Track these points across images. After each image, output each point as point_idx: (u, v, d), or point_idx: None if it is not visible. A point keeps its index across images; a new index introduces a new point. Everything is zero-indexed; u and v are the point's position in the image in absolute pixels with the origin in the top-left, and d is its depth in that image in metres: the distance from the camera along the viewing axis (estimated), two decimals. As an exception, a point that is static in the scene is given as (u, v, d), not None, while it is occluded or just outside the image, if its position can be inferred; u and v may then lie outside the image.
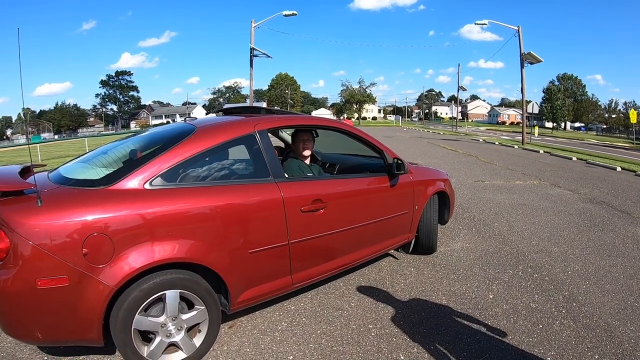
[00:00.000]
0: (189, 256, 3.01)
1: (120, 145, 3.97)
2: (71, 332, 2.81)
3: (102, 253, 2.72)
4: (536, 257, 5.44)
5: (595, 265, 5.14)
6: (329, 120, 4.85)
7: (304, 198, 3.72)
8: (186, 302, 3.11)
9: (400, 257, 5.43)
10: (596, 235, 6.43)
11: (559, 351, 3.32)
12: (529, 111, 30.85)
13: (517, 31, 27.68)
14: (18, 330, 2.78)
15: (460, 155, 19.71)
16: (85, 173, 3.39)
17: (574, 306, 4.08)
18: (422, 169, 5.53)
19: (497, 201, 8.92)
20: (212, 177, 3.45)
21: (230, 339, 3.55)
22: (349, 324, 3.79)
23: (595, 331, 3.62)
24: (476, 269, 5.02)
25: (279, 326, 3.75)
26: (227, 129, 3.66)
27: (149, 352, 2.97)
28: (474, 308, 4.05)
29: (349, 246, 4.28)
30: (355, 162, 5.46)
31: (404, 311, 4.01)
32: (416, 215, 5.05)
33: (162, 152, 3.21)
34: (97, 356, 3.27)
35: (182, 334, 3.09)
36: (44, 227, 2.62)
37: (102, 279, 2.71)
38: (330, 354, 3.32)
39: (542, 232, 6.59)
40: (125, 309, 2.80)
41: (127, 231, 2.81)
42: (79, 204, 2.78)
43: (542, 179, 12.08)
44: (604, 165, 15.32)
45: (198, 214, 3.12)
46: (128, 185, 2.95)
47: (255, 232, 3.44)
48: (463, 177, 12.34)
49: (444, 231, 6.54)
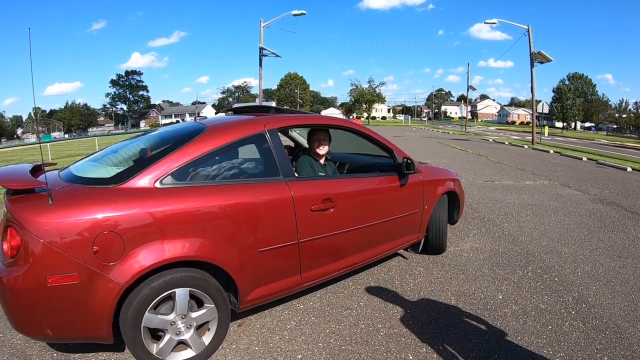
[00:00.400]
0: (198, 254, 3.02)
1: (131, 144, 3.99)
2: (81, 330, 2.83)
3: (112, 251, 2.74)
4: (546, 257, 5.41)
5: (605, 266, 5.11)
6: (338, 119, 4.85)
7: (314, 197, 3.72)
8: (196, 300, 3.12)
9: (410, 257, 5.43)
10: (606, 236, 6.38)
11: (568, 352, 3.30)
12: (539, 111, 30.71)
13: (527, 30, 27.50)
14: (28, 327, 2.80)
15: (470, 155, 19.63)
16: (96, 171, 3.41)
17: (583, 307, 4.05)
18: (432, 168, 5.52)
19: (507, 201, 8.88)
20: (222, 176, 3.47)
21: (239, 337, 3.56)
22: (357, 323, 3.79)
23: (605, 333, 3.60)
24: (485, 270, 5.00)
25: (288, 325, 3.76)
26: (238, 128, 3.67)
27: (158, 350, 2.99)
28: (483, 308, 4.03)
29: (358, 246, 4.28)
30: (365, 161, 5.45)
31: (413, 311, 4.00)
32: (426, 215, 5.03)
33: (172, 151, 3.22)
34: (106, 353, 3.29)
35: (192, 332, 3.11)
36: (55, 225, 2.64)
37: (113, 277, 2.73)
38: (339, 353, 3.32)
39: (552, 232, 6.55)
40: (135, 307, 2.82)
41: (137, 229, 2.82)
42: (90, 202, 2.80)
43: (552, 179, 12.01)
44: (615, 165, 15.19)
45: (208, 212, 3.13)
46: (138, 184, 2.97)
47: (264, 231, 3.44)
48: (473, 177, 12.30)
49: (453, 231, 6.52)
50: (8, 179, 3.05)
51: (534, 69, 27.33)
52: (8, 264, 2.69)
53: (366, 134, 4.58)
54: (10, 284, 2.66)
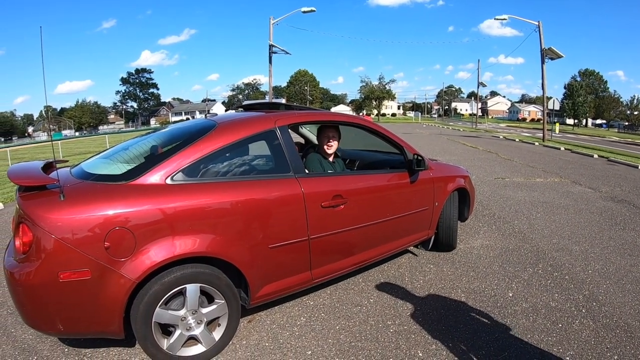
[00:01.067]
0: (209, 250, 3.03)
1: (141, 142, 4.01)
2: (92, 325, 2.85)
3: (123, 247, 2.76)
4: (556, 255, 5.38)
5: (616, 264, 5.07)
6: (349, 116, 4.84)
7: (325, 194, 3.73)
8: (206, 296, 3.14)
9: (420, 254, 5.42)
10: (617, 234, 6.34)
11: (578, 351, 3.29)
12: (550, 107, 30.39)
13: (538, 26, 27.22)
14: (40, 322, 2.83)
15: (480, 152, 19.55)
16: (107, 168, 3.43)
17: (593, 306, 4.03)
18: (442, 165, 5.50)
19: (518, 199, 8.84)
20: (233, 172, 3.48)
21: (249, 333, 3.57)
22: (367, 320, 3.79)
23: (615, 331, 3.57)
24: (496, 267, 4.98)
25: (298, 321, 3.77)
26: (248, 124, 3.68)
27: (168, 345, 3.01)
28: (493, 306, 4.02)
29: (368, 242, 4.28)
30: (375, 158, 5.44)
31: (423, 308, 4.00)
32: (436, 212, 5.02)
33: (183, 147, 3.23)
34: (117, 349, 3.32)
35: (202, 327, 3.13)
36: (67, 221, 2.66)
37: (124, 273, 2.75)
38: (349, 350, 3.32)
39: (563, 230, 6.51)
40: (146, 302, 2.84)
41: (148, 225, 2.84)
42: (101, 198, 2.82)
43: (563, 176, 11.93)
44: (626, 163, 15.05)
45: (219, 209, 3.15)
46: (150, 180, 2.98)
47: (275, 227, 3.45)
48: (483, 174, 12.25)
49: (463, 228, 6.51)
50: (20, 176, 3.07)
51: (544, 65, 27.03)
52: (20, 259, 2.72)
53: (377, 131, 4.57)
54: (23, 279, 2.69)
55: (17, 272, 2.71)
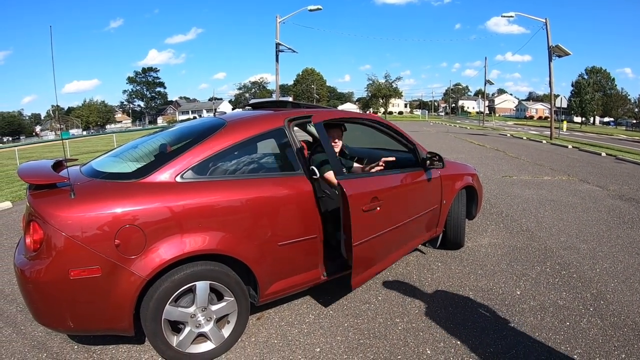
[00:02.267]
0: (219, 248, 3.05)
1: (150, 140, 4.03)
2: (102, 322, 2.88)
3: (134, 244, 2.78)
4: (564, 253, 5.37)
5: (624, 263, 5.06)
6: (359, 113, 4.82)
7: (364, 195, 3.64)
8: (216, 293, 3.16)
9: (428, 252, 5.42)
10: (625, 232, 6.31)
11: (585, 349, 3.29)
12: (557, 105, 30.21)
13: (545, 24, 27.03)
14: (50, 319, 2.86)
15: (488, 150, 19.49)
16: (117, 166, 3.45)
17: (601, 304, 4.02)
18: (450, 163, 5.46)
19: (525, 197, 8.81)
20: (242, 170, 3.48)
21: (258, 330, 3.59)
22: (376, 317, 3.80)
23: (623, 330, 3.57)
24: (503, 265, 4.98)
25: (307, 318, 3.79)
26: (257, 122, 3.69)
27: (178, 342, 3.04)
28: (501, 304, 4.02)
29: (395, 243, 4.26)
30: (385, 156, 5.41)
31: (431, 306, 4.01)
32: (444, 210, 5.02)
33: (193, 145, 3.25)
34: (126, 345, 3.35)
35: (211, 324, 3.15)
36: (77, 219, 2.69)
37: (134, 270, 2.78)
38: (357, 347, 3.34)
39: (571, 228, 6.49)
40: (156, 300, 2.87)
41: (158, 223, 2.86)
42: (111, 196, 2.84)
43: (570, 174, 11.88)
44: (634, 161, 14.95)
45: (228, 206, 3.16)
46: (159, 178, 3.00)
47: (285, 224, 3.46)
48: (490, 172, 12.22)
49: (471, 226, 6.50)
50: (31, 175, 3.10)
51: (552, 62, 26.83)
52: (31, 257, 2.75)
53: (388, 128, 4.56)
54: (33, 277, 2.72)
55: (27, 269, 2.74)
